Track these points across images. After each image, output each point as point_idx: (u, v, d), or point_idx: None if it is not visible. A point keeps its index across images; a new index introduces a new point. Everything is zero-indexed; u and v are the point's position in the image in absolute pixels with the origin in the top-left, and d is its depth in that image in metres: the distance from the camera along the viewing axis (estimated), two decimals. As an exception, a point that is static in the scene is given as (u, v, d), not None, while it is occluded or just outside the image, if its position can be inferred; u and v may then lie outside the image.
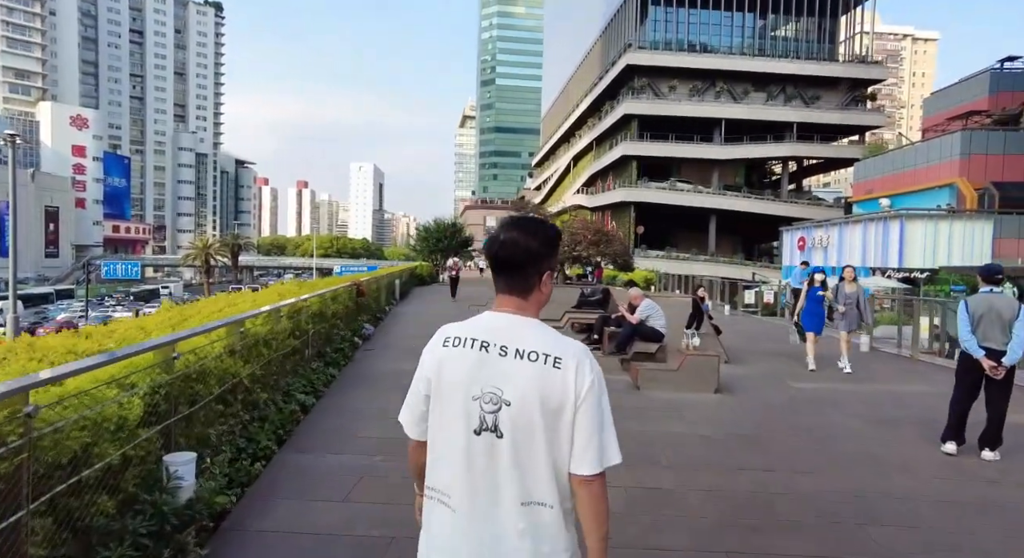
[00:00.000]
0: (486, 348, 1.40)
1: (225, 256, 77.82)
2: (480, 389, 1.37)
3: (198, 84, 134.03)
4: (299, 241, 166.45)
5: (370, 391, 6.69)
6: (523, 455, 1.33)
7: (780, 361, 9.46)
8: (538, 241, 1.44)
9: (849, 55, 54.83)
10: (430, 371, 1.47)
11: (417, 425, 1.52)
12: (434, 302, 20.43)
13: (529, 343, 1.38)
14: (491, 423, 1.35)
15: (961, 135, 29.61)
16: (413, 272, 29.77)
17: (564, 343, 1.40)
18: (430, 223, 36.26)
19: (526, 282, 1.44)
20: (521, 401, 1.34)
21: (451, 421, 1.40)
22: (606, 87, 56.65)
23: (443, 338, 1.50)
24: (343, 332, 9.22)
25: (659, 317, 7.85)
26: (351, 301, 10.38)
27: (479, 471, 1.36)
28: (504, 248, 1.44)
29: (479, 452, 1.35)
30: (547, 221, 1.58)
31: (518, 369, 1.35)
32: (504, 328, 1.42)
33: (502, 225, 1.49)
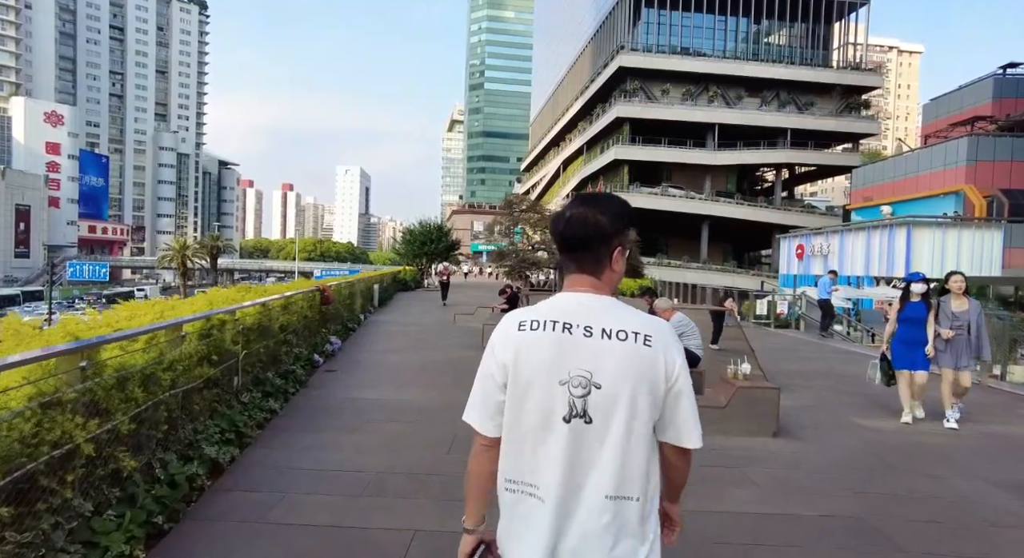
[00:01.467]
0: (568, 329, 1.30)
1: (204, 258, 75.51)
2: (568, 373, 1.28)
3: (181, 83, 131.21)
4: (283, 244, 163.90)
5: (318, 433, 5.02)
6: (614, 440, 1.26)
7: (827, 387, 7.91)
8: (607, 216, 1.35)
9: (842, 62, 54.21)
10: (506, 357, 1.33)
11: (492, 419, 1.37)
12: (417, 310, 18.74)
13: (615, 322, 1.30)
14: (580, 408, 1.27)
15: (968, 140, 28.59)
16: (396, 276, 28.03)
17: (648, 320, 1.33)
18: (415, 226, 34.56)
19: (597, 261, 1.36)
20: (613, 383, 1.27)
21: (535, 409, 1.30)
22: (598, 90, 55.52)
23: (516, 323, 1.36)
24: (298, 349, 7.54)
25: (694, 335, 6.28)
26: (311, 310, 8.70)
27: (568, 460, 1.27)
28: (571, 226, 1.35)
29: (568, 440, 1.27)
30: (616, 196, 1.44)
31: (607, 349, 1.28)
32: (584, 308, 1.33)
33: (571, 202, 1.40)
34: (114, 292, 74.74)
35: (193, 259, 71.21)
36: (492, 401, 1.38)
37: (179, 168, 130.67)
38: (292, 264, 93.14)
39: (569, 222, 1.36)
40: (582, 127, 62.43)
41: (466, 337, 11.51)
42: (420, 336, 11.80)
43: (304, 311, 8.31)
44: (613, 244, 1.36)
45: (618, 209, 1.38)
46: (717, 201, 51.14)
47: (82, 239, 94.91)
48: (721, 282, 40.88)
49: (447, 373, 7.89)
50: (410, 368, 8.28)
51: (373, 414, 5.64)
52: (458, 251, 38.08)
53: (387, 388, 6.85)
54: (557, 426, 1.28)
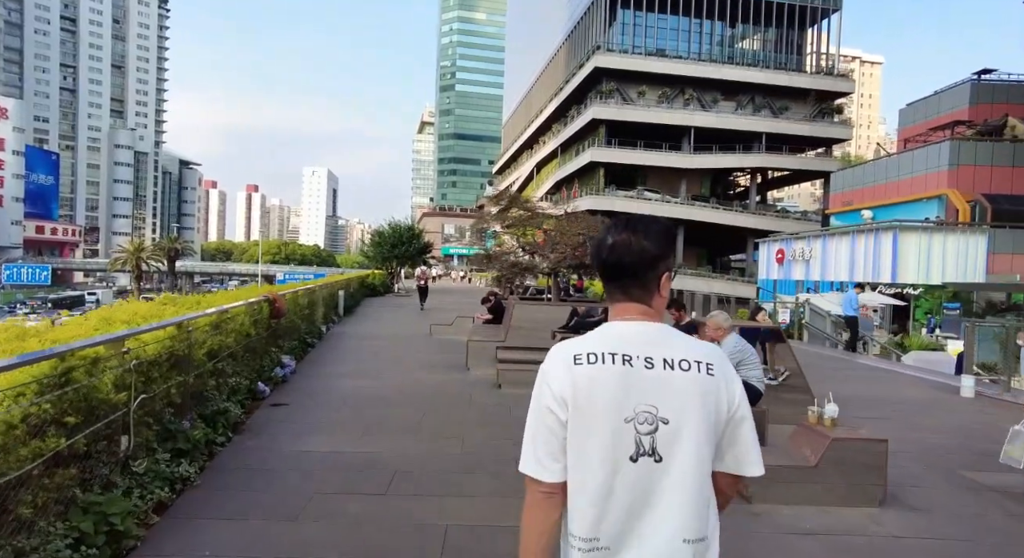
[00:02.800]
0: (629, 361, 1.22)
1: (161, 261, 71.99)
2: (633, 409, 1.19)
3: (139, 78, 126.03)
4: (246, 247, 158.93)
5: (244, 520, 3.42)
6: (685, 478, 1.18)
7: (896, 421, 6.58)
8: (652, 241, 1.29)
9: (815, 67, 54.40)
10: (566, 394, 1.22)
11: (557, 460, 1.23)
12: (388, 318, 17.05)
13: (675, 351, 1.24)
14: (648, 446, 1.18)
15: (950, 145, 28.27)
16: (364, 281, 26.23)
17: (704, 346, 1.28)
18: (384, 227, 32.74)
19: (644, 288, 1.29)
20: (681, 417, 1.19)
21: (599, 450, 1.19)
22: (573, 91, 54.53)
23: (571, 356, 1.25)
24: (236, 379, 5.90)
25: (753, 363, 4.87)
26: (257, 326, 7.05)
27: (638, 504, 1.18)
28: (615, 252, 1.30)
29: (637, 482, 1.18)
30: (658, 218, 1.39)
31: (671, 381, 1.21)
32: (640, 337, 1.25)
33: (610, 227, 1.35)
34: (62, 296, 70.61)
35: (149, 262, 67.73)
36: (554, 440, 1.23)
37: (137, 167, 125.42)
38: (255, 267, 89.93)
39: (613, 249, 1.30)
40: (556, 129, 61.39)
41: (446, 354, 9.96)
42: (391, 353, 10.20)
43: (247, 328, 6.66)
44: (660, 270, 1.29)
45: (662, 232, 1.32)
46: (693, 205, 50.59)
47: (29, 240, 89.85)
48: (697, 287, 40.14)
49: (429, 408, 6.33)
50: (379, 400, 6.69)
51: (327, 481, 4.05)
52: (430, 254, 36.38)
53: (349, 434, 5.26)
54: (624, 467, 1.18)
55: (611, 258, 1.29)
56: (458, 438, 5.12)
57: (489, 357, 9.15)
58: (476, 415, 6.00)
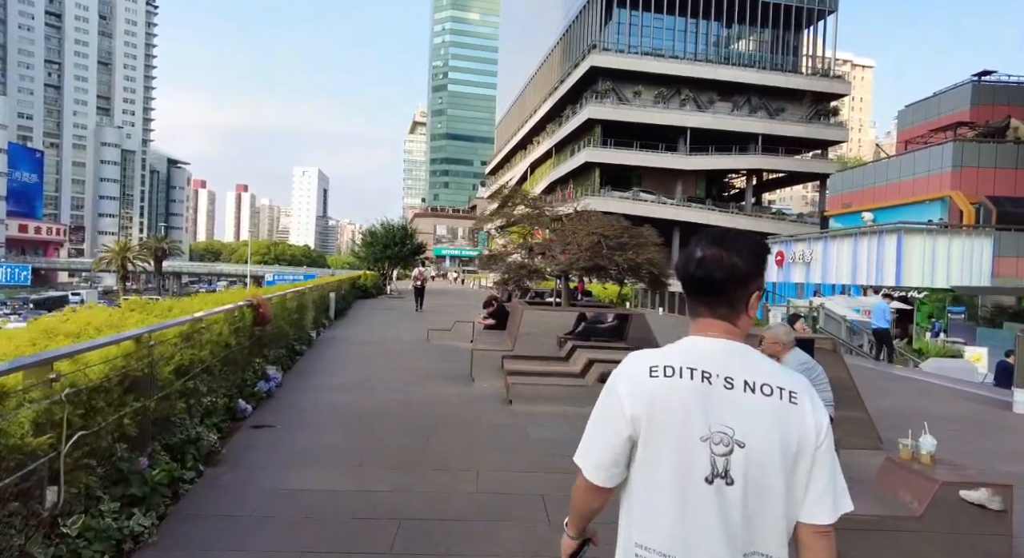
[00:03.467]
0: (708, 379, 1.19)
1: (147, 261, 70.66)
2: (709, 428, 1.16)
3: (126, 76, 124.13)
4: (235, 247, 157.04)
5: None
6: (755, 506, 1.15)
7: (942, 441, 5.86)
8: (744, 259, 1.24)
9: (811, 69, 54.13)
10: (638, 409, 1.20)
11: (608, 469, 1.24)
12: (381, 322, 16.24)
13: (757, 374, 1.20)
14: (722, 468, 1.15)
15: (953, 146, 27.84)
16: (355, 283, 25.37)
17: (790, 374, 1.24)
18: (376, 227, 31.84)
19: (731, 306, 1.25)
20: (758, 442, 1.15)
21: (670, 467, 1.17)
22: (568, 90, 53.88)
23: (647, 367, 1.23)
24: (211, 398, 5.10)
25: (822, 384, 4.13)
26: (237, 335, 6.25)
27: (706, 525, 1.15)
28: (704, 267, 1.25)
29: (707, 503, 1.15)
30: (751, 235, 1.33)
31: (751, 405, 1.17)
32: (722, 356, 1.22)
33: (700, 240, 1.30)
34: (44, 297, 68.99)
35: (135, 261, 66.37)
36: (612, 452, 1.23)
37: (124, 165, 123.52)
38: (244, 267, 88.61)
39: (702, 263, 1.25)
40: (551, 129, 60.75)
41: (447, 362, 9.18)
42: (387, 361, 9.41)
43: (225, 338, 5.86)
44: (751, 289, 1.25)
45: (756, 250, 1.26)
46: (689, 207, 50.13)
47: (11, 239, 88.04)
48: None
49: (433, 429, 5.56)
50: (376, 419, 5.92)
51: (317, 537, 3.27)
52: (424, 255, 35.52)
53: (342, 465, 4.48)
54: (697, 487, 1.16)
55: (700, 273, 1.25)
56: (471, 470, 4.36)
57: (494, 367, 8.39)
58: (488, 439, 5.24)
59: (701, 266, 1.25)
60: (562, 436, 5.31)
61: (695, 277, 1.26)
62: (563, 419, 5.94)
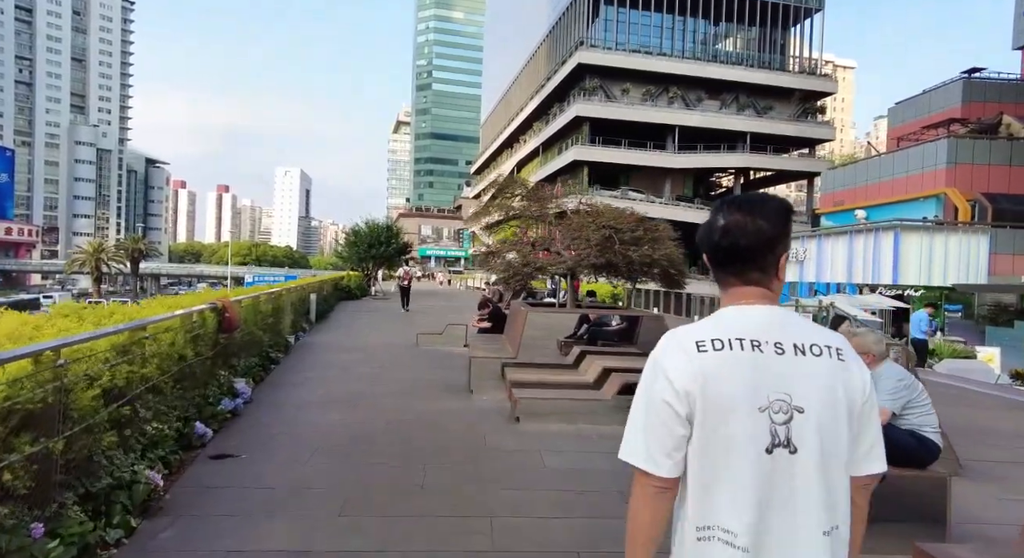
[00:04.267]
0: (758, 347, 1.15)
1: (122, 262, 68.57)
2: (767, 397, 1.12)
3: (101, 73, 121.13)
4: (216, 248, 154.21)
5: None
6: (822, 470, 1.12)
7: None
8: (769, 221, 1.19)
9: (798, 67, 54.00)
10: (690, 384, 1.13)
11: (670, 456, 1.15)
12: (365, 325, 15.26)
13: (804, 335, 1.17)
14: (784, 437, 1.11)
15: (947, 143, 27.53)
16: (338, 284, 24.33)
17: (830, 332, 1.22)
18: (360, 225, 30.77)
19: (763, 271, 1.21)
20: (816, 405, 1.13)
21: (730, 441, 1.12)
22: (555, 88, 53.17)
23: (692, 342, 1.16)
24: (157, 425, 4.16)
25: (925, 405, 3.31)
26: (196, 345, 5.30)
27: (774, 498, 1.11)
28: (729, 235, 1.20)
29: (772, 474, 1.11)
30: (772, 195, 1.27)
31: (804, 367, 1.14)
32: (766, 321, 1.18)
33: (720, 207, 1.24)
34: (14, 300, 66.49)
35: (109, 263, 64.32)
36: (670, 436, 1.15)
37: (99, 165, 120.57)
38: (224, 269, 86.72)
39: (726, 232, 1.20)
40: (538, 127, 60.00)
41: (440, 370, 8.27)
42: (373, 370, 8.48)
43: (180, 349, 4.90)
44: (778, 251, 1.21)
45: (779, 210, 1.21)
46: (678, 206, 49.64)
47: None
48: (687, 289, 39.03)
49: (431, 458, 4.66)
50: (361, 445, 5.00)
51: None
52: (409, 255, 34.51)
53: (319, 512, 3.55)
54: (758, 459, 1.11)
55: (724, 241, 1.20)
56: (483, 516, 3.47)
57: (494, 376, 7.52)
58: (497, 471, 4.35)
59: (726, 234, 1.20)
60: (585, 465, 4.44)
61: (720, 246, 1.21)
62: (582, 441, 5.08)
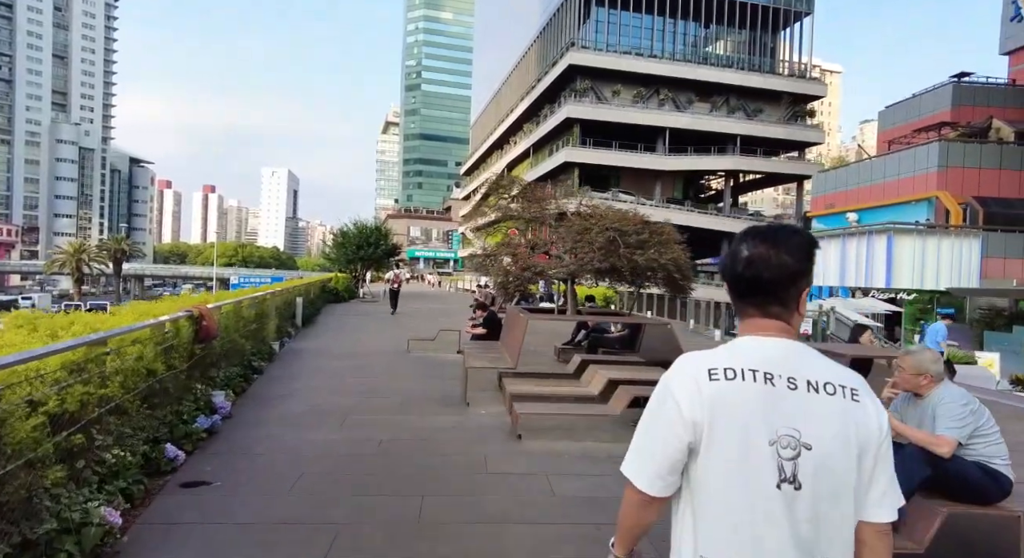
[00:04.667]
0: (771, 380, 1.14)
1: (104, 263, 67.29)
2: (776, 431, 1.11)
3: (84, 70, 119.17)
4: (201, 248, 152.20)
5: None
6: (825, 511, 1.10)
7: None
8: (794, 256, 1.18)
9: (788, 70, 54.13)
10: (699, 414, 1.13)
11: (664, 479, 1.17)
12: (353, 329, 14.75)
13: (819, 373, 1.16)
14: (790, 473, 1.10)
15: (939, 146, 27.50)
16: (325, 286, 23.76)
17: (847, 371, 1.19)
18: (348, 226, 30.18)
19: (783, 304, 1.20)
20: (825, 443, 1.11)
21: (736, 473, 1.11)
22: (546, 89, 52.88)
23: (704, 369, 1.16)
24: (116, 453, 3.68)
25: (992, 434, 2.88)
26: (168, 357, 4.81)
27: (775, 533, 1.10)
28: (752, 267, 1.19)
29: (775, 509, 1.10)
30: (796, 227, 1.26)
31: (816, 405, 1.13)
32: (781, 355, 1.17)
33: (744, 237, 1.23)
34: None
35: (91, 264, 63.04)
36: (668, 460, 1.16)
37: (82, 164, 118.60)
38: (210, 270, 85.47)
39: (750, 263, 1.19)
40: (528, 129, 59.65)
41: (433, 379, 7.81)
42: (362, 379, 8.00)
43: (148, 363, 4.42)
44: (801, 286, 1.19)
45: (804, 245, 1.19)
46: (668, 208, 49.43)
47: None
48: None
49: (428, 484, 4.22)
50: (348, 469, 4.55)
51: None
52: (399, 256, 33.98)
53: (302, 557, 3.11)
54: (765, 493, 1.10)
55: (748, 273, 1.20)
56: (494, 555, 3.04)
57: (491, 387, 7.09)
58: (505, 501, 3.92)
59: (749, 266, 1.19)
60: (600, 492, 4.02)
61: (743, 277, 1.20)
62: (591, 462, 4.66)
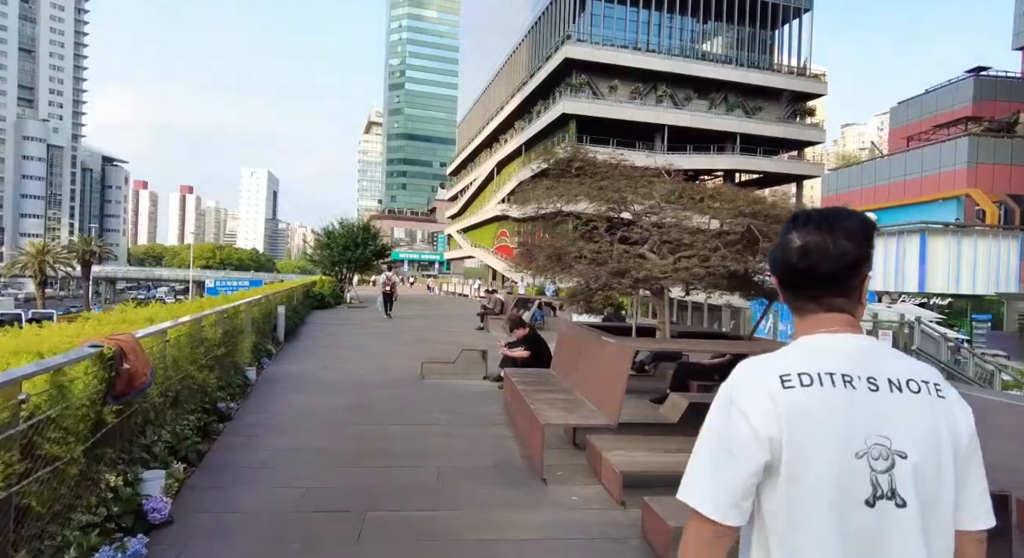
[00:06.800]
0: (850, 383, 1.00)
1: (71, 265, 63.48)
2: (864, 441, 0.97)
3: (52, 65, 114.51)
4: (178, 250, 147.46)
5: None
6: (928, 525, 0.97)
7: None
8: (853, 240, 1.05)
9: (787, 68, 52.75)
10: (773, 427, 0.98)
11: (738, 505, 1.00)
12: (348, 344, 12.31)
13: (899, 369, 1.03)
14: (887, 487, 0.96)
15: (968, 141, 25.89)
16: (310, 291, 21.24)
17: (922, 365, 1.08)
18: (333, 225, 27.68)
19: (845, 296, 1.08)
20: (919, 449, 0.98)
21: (824, 493, 0.96)
22: (539, 85, 50.82)
23: (775, 376, 1.01)
24: None
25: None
26: (34, 444, 2.47)
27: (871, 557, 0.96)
28: (807, 257, 1.06)
29: (870, 530, 0.96)
30: (852, 210, 1.12)
31: (902, 406, 1.00)
32: (856, 354, 1.04)
33: (794, 224, 1.09)
34: (-52, 306, 61.06)
35: (55, 266, 59.30)
36: (742, 484, 0.99)
37: (50, 162, 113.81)
38: (186, 272, 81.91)
39: (805, 254, 1.06)
40: (520, 126, 57.50)
41: (474, 429, 5.51)
42: (368, 431, 5.69)
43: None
44: (863, 271, 1.07)
45: (863, 227, 1.06)
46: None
47: (-86, 241, 78.71)
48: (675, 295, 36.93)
49: None
50: None
51: None
52: (387, 258, 31.54)
53: None
54: (856, 513, 0.96)
55: (802, 264, 1.06)
56: None
57: (559, 440, 4.82)
58: None
59: (804, 256, 1.06)
60: None
61: (797, 269, 1.07)
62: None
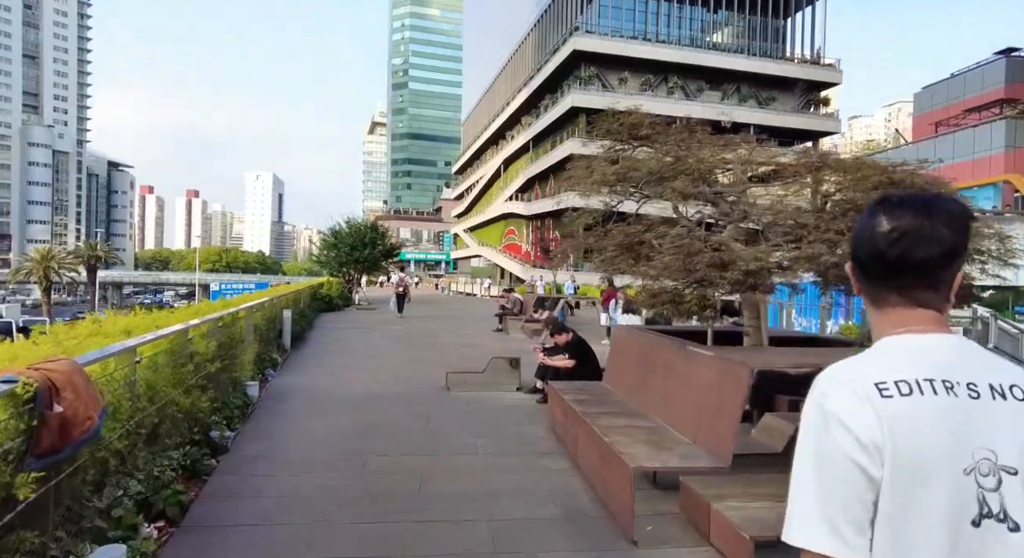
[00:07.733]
0: (951, 390, 0.88)
1: (76, 270, 62.92)
2: (971, 455, 0.86)
3: (56, 70, 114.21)
4: (184, 254, 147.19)
5: None
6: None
7: None
8: (952, 228, 0.93)
9: (801, 56, 51.45)
10: (877, 438, 0.86)
11: (863, 532, 0.86)
12: (362, 350, 11.23)
13: (999, 374, 0.91)
14: (997, 507, 0.84)
15: (1006, 124, 24.61)
16: (316, 293, 20.22)
17: (1017, 366, 0.96)
18: (340, 225, 26.69)
19: (936, 289, 0.96)
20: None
21: (934, 514, 0.85)
22: (547, 78, 49.73)
23: (871, 383, 0.89)
24: None
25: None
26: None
27: None
28: (899, 243, 0.94)
29: (978, 554, 0.84)
30: (948, 195, 1.00)
31: (1005, 415, 0.87)
32: (952, 357, 0.92)
33: (884, 207, 0.97)
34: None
35: (60, 271, 58.69)
36: (861, 504, 0.85)
37: (56, 167, 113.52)
38: (192, 276, 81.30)
39: (897, 239, 0.93)
40: (527, 121, 56.42)
41: (522, 458, 4.46)
42: (392, 466, 4.64)
43: None
44: (959, 264, 0.96)
45: (964, 216, 0.95)
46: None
47: (-80, 249, 78.50)
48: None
49: None
50: None
51: None
52: (395, 258, 30.54)
53: None
54: (964, 534, 0.84)
55: (893, 251, 0.94)
56: None
57: (643, 482, 3.74)
58: None
59: (896, 242, 0.93)
60: None
61: (886, 256, 0.94)
62: None
